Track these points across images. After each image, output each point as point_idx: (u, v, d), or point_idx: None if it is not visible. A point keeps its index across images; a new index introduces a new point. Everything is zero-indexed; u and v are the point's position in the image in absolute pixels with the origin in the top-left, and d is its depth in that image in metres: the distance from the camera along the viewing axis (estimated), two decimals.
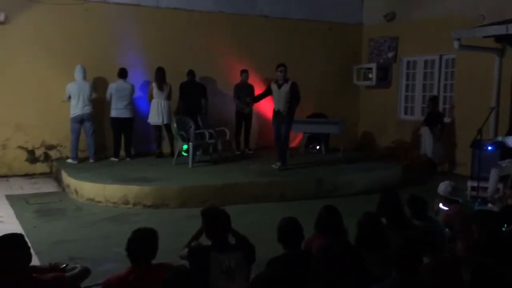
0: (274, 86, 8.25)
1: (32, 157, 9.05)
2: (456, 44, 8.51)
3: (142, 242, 3.09)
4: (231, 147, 9.98)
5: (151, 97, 9.25)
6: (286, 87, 8.12)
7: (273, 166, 8.30)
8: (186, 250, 3.49)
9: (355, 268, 3.03)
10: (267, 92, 8.47)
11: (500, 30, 7.82)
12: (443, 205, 4.83)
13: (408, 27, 10.63)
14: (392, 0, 11.06)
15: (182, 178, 7.64)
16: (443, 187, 4.74)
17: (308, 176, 8.00)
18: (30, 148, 9.02)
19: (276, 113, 8.29)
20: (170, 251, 3.66)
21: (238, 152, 9.97)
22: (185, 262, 3.31)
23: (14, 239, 2.99)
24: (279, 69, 8.17)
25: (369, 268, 3.28)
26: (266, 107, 10.05)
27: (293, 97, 8.15)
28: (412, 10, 10.55)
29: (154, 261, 3.17)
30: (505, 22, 7.86)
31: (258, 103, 9.51)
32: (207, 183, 7.36)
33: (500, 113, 8.68)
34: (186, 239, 3.79)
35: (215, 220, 3.39)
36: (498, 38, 8.46)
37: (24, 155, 8.98)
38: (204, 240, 3.56)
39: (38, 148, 9.08)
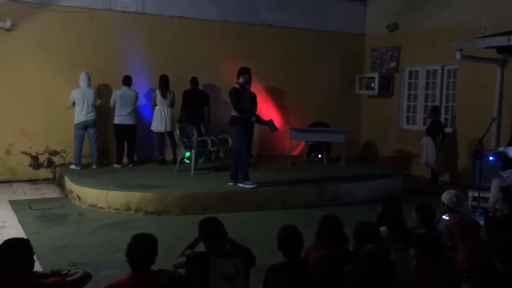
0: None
1: (35, 163, 9.11)
2: (458, 55, 8.54)
3: (141, 247, 3.13)
4: None
5: (154, 105, 9.32)
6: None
7: (249, 186, 7.51)
8: (182, 259, 3.48)
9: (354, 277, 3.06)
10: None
11: (501, 41, 7.85)
12: (446, 214, 4.83)
13: (410, 37, 10.69)
14: (395, 11, 11.13)
15: (184, 185, 7.67)
16: (447, 196, 4.71)
17: (309, 184, 8.01)
18: (33, 153, 9.07)
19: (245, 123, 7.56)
20: (171, 258, 3.68)
21: None
22: (181, 272, 3.32)
23: (19, 244, 3.02)
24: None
25: None
26: (268, 115, 10.07)
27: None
28: (414, 21, 10.61)
29: (155, 267, 3.20)
30: (506, 33, 7.89)
31: (259, 111, 9.51)
32: (209, 191, 7.38)
33: (502, 123, 8.69)
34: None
35: (211, 228, 3.42)
36: (500, 49, 8.49)
37: (27, 160, 9.04)
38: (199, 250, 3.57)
39: (42, 153, 9.13)
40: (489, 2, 9.08)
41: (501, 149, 7.61)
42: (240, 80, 7.54)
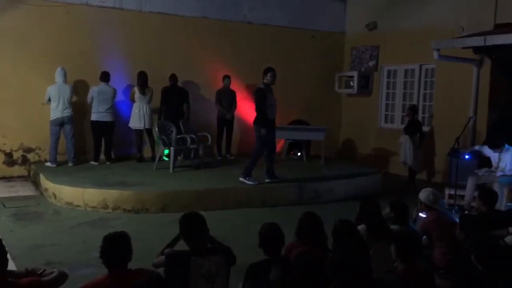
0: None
1: (9, 160, 8.90)
2: (435, 54, 8.67)
3: (114, 247, 3.06)
4: (213, 152, 9.97)
5: (133, 97, 9.21)
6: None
7: (251, 183, 7.65)
8: (161, 257, 3.43)
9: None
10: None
11: (478, 41, 8.00)
12: (422, 212, 4.89)
13: (389, 36, 10.80)
14: (374, 10, 11.23)
15: (163, 182, 7.60)
16: (425, 194, 4.79)
17: (289, 182, 8.01)
18: (8, 150, 8.87)
19: (272, 122, 7.64)
20: (150, 257, 3.63)
21: (219, 158, 9.97)
22: (160, 271, 3.27)
23: None
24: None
25: None
26: (247, 113, 10.07)
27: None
28: (394, 20, 10.72)
29: (133, 266, 3.15)
30: (483, 34, 8.05)
31: (239, 109, 9.51)
32: (188, 188, 7.34)
33: (478, 122, 8.86)
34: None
35: (193, 224, 3.38)
36: (476, 49, 8.65)
37: (1, 157, 8.83)
38: (179, 248, 3.53)
39: (16, 150, 8.93)
40: (466, 3, 9.22)
41: (476, 147, 7.77)
42: (265, 80, 7.51)
